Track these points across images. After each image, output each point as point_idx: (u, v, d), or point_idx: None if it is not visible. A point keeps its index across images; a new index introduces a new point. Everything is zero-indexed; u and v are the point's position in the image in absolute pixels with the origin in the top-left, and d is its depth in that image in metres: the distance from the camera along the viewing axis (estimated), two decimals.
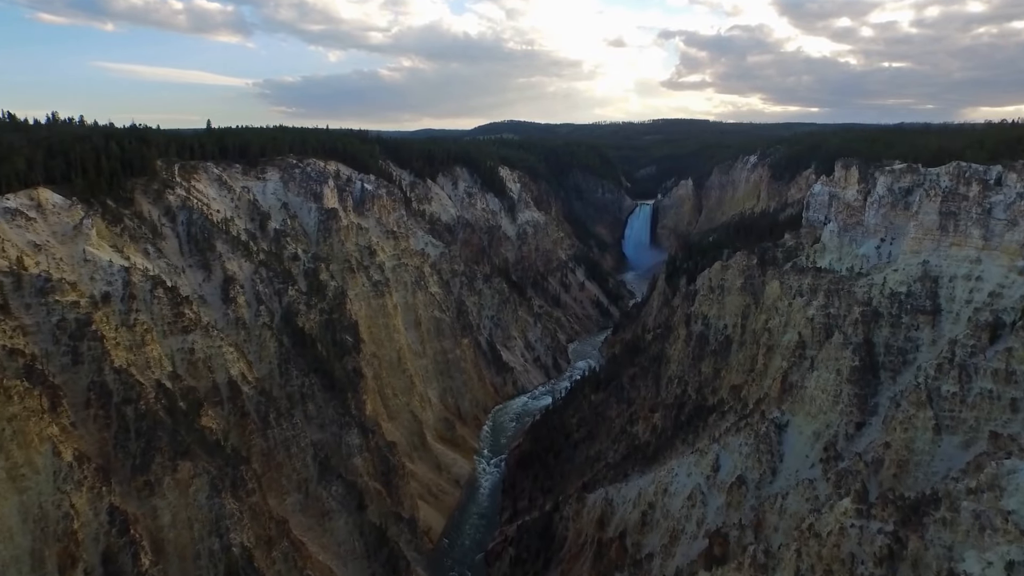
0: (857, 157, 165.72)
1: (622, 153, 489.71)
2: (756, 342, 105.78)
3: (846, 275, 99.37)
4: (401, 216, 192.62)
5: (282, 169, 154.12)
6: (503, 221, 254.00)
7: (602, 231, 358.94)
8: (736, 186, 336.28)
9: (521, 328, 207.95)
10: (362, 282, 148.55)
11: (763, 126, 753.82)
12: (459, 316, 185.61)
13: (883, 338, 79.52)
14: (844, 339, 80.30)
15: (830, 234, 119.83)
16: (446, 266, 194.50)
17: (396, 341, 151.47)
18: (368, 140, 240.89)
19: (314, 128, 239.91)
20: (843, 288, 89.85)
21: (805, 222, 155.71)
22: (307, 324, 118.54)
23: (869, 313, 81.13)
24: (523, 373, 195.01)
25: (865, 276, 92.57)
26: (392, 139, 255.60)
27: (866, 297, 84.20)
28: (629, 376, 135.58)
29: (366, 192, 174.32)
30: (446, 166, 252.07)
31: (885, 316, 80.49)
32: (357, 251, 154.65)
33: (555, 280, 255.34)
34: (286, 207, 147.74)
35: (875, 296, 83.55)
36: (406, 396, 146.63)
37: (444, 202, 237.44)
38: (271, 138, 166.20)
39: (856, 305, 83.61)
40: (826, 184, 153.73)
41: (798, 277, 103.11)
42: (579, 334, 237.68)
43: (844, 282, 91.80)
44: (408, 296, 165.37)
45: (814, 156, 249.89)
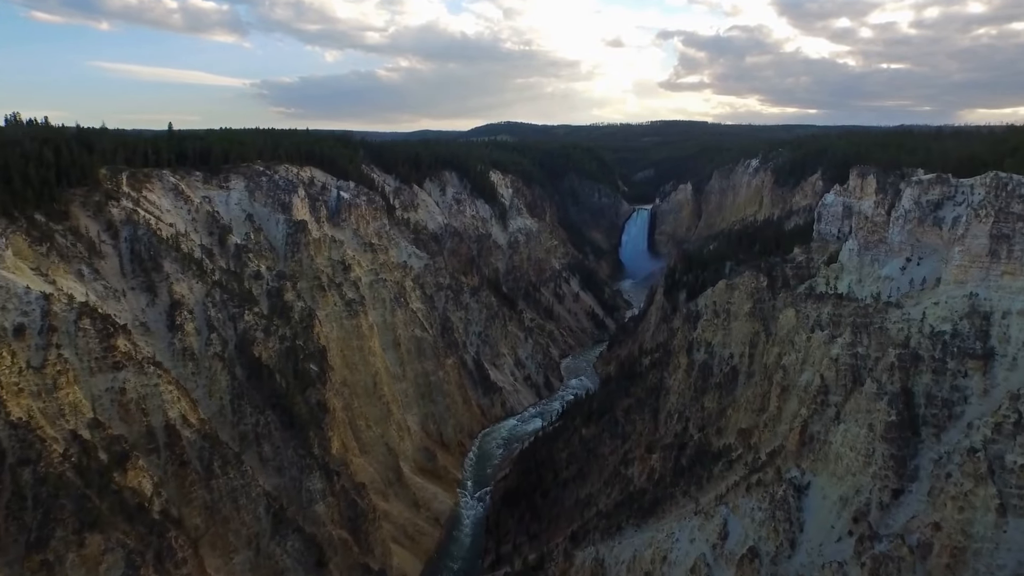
0: (871, 164, 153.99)
1: (619, 156, 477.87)
2: (767, 378, 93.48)
3: (871, 303, 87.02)
4: (383, 226, 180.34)
5: (248, 177, 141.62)
6: (494, 229, 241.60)
7: (598, 237, 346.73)
8: (737, 191, 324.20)
9: (511, 344, 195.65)
10: (334, 301, 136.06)
11: (762, 128, 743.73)
12: (444, 333, 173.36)
13: (924, 387, 67.21)
14: (877, 388, 67.93)
15: (849, 253, 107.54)
16: (430, 279, 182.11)
17: (372, 365, 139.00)
18: (350, 143, 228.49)
19: (292, 130, 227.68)
20: (872, 323, 77.43)
21: (816, 235, 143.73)
22: (265, 353, 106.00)
23: (907, 357, 68.78)
24: (512, 393, 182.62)
25: (896, 308, 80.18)
26: (377, 142, 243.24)
27: (902, 336, 71.86)
28: (624, 408, 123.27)
29: (343, 201, 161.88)
30: (434, 171, 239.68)
31: (926, 360, 68.16)
32: (329, 267, 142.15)
33: (548, 291, 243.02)
34: (251, 219, 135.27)
35: (913, 335, 71.18)
36: (381, 426, 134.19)
37: (431, 209, 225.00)
38: (237, 142, 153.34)
39: (891, 346, 71.24)
40: (840, 194, 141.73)
41: (816, 305, 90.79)
42: (573, 348, 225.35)
43: (872, 315, 79.39)
44: (386, 314, 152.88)
45: (820, 161, 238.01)
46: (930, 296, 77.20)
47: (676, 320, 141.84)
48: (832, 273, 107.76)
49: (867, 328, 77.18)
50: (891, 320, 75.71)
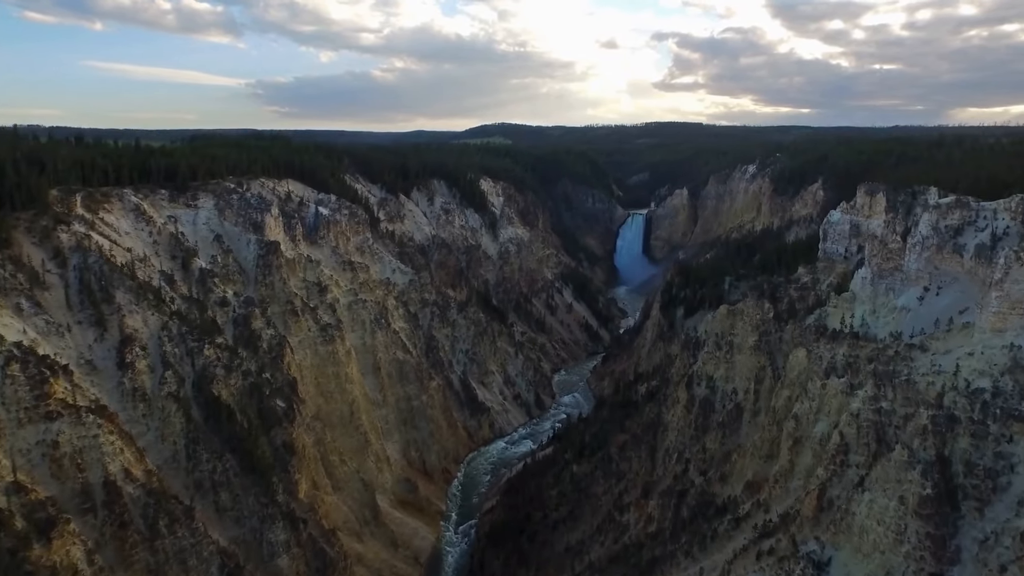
0: (880, 180, 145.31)
1: (613, 159, 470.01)
2: (776, 423, 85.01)
3: (891, 343, 78.61)
4: (365, 240, 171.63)
5: (217, 195, 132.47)
6: (483, 239, 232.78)
7: (592, 243, 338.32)
8: (734, 197, 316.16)
9: (500, 361, 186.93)
10: (307, 327, 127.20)
11: (756, 129, 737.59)
12: (428, 353, 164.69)
13: (962, 453, 58.75)
14: (908, 456, 59.39)
15: (862, 282, 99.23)
16: (415, 295, 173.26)
17: (348, 393, 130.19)
18: (334, 152, 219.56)
19: (271, 140, 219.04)
20: (897, 372, 68.91)
21: (822, 254, 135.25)
22: (225, 391, 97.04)
23: (941, 418, 60.21)
24: (501, 413, 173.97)
25: (921, 351, 71.77)
26: (363, 152, 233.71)
27: (933, 391, 63.33)
28: (619, 444, 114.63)
29: (321, 217, 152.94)
30: (422, 180, 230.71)
31: (963, 422, 59.64)
32: (304, 289, 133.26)
33: (540, 302, 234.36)
34: (219, 240, 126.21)
35: (946, 391, 62.60)
36: (358, 458, 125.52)
37: (418, 220, 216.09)
38: (208, 157, 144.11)
39: (921, 404, 62.70)
40: (846, 211, 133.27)
41: (830, 346, 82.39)
42: (565, 362, 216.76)
43: (895, 360, 70.91)
44: (366, 337, 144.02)
45: (820, 169, 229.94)
46: (961, 342, 68.72)
47: (674, 345, 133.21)
48: (844, 303, 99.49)
49: (891, 379, 68.57)
50: (918, 370, 67.13)
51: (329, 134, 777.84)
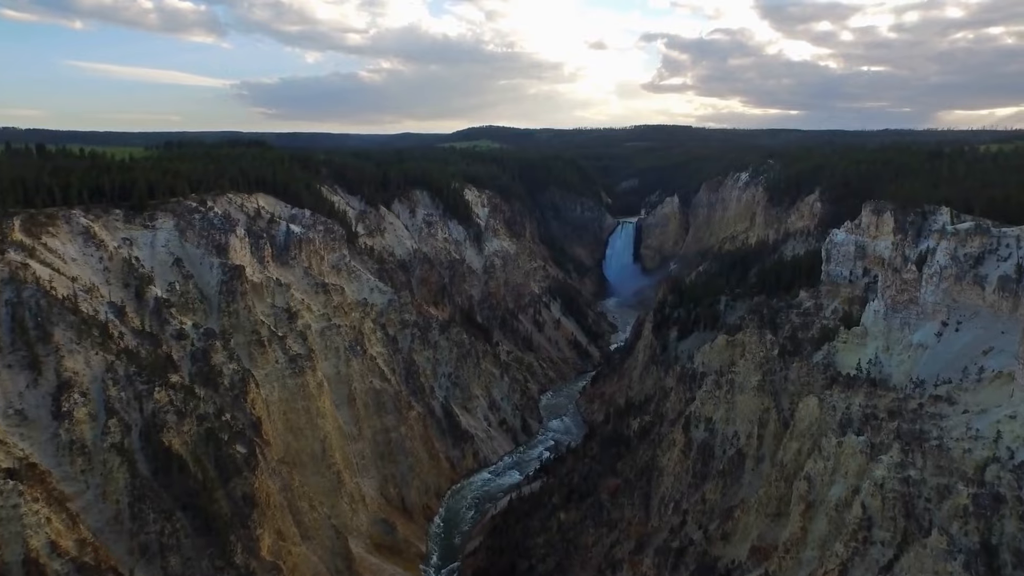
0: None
1: (603, 163, 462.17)
2: (784, 478, 76.76)
3: (914, 394, 70.52)
4: (342, 257, 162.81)
5: (178, 214, 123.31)
6: (468, 252, 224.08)
7: (581, 253, 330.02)
8: (727, 205, 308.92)
9: (485, 384, 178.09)
10: (275, 358, 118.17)
11: (746, 132, 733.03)
12: (408, 379, 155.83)
13: (1009, 538, 50.64)
14: (948, 543, 51.19)
15: (874, 315, 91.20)
16: (394, 316, 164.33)
17: (320, 428, 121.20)
18: (311, 163, 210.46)
19: (250, 147, 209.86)
20: (926, 434, 60.79)
21: (825, 276, 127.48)
22: (178, 440, 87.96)
23: (985, 498, 52.09)
24: (486, 441, 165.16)
25: (949, 404, 63.75)
26: (341, 162, 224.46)
27: (971, 462, 55.17)
28: (610, 490, 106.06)
29: (292, 236, 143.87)
30: (403, 190, 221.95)
31: (1009, 502, 51.57)
32: (272, 316, 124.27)
33: (527, 318, 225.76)
34: (179, 264, 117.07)
35: (987, 461, 54.46)
36: (330, 500, 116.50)
37: (399, 233, 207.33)
38: (170, 173, 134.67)
39: (959, 479, 54.56)
40: (851, 231, 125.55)
41: (844, 394, 74.28)
42: (553, 381, 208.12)
43: (923, 418, 62.82)
44: (340, 365, 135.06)
45: (816, 179, 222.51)
46: (997, 398, 60.65)
47: (669, 377, 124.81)
48: (854, 338, 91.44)
49: (919, 441, 60.32)
50: (951, 433, 59.06)
51: (315, 137, 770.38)
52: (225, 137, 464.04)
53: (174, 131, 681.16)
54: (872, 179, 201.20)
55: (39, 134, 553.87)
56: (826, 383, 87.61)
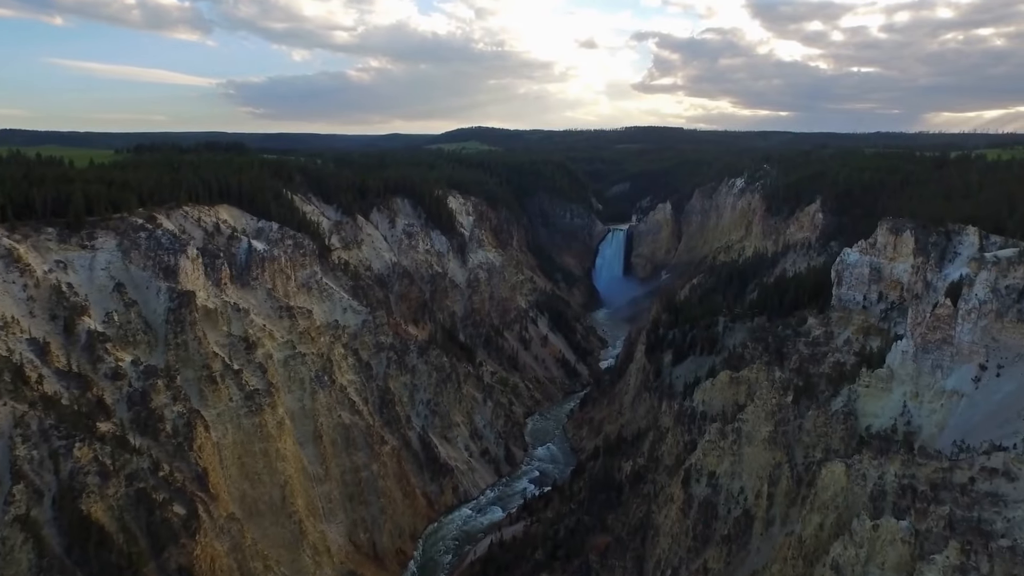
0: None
1: (593, 167, 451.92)
2: (802, 555, 65.52)
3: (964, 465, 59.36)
4: (312, 275, 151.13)
5: (122, 233, 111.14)
6: (451, 265, 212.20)
7: (570, 261, 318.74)
8: (721, 212, 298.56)
9: (466, 410, 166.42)
10: (229, 395, 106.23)
11: (737, 134, 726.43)
12: (382, 408, 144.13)
13: None
14: None
15: (901, 356, 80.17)
16: (369, 339, 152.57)
17: (280, 473, 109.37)
18: (284, 169, 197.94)
19: (211, 157, 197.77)
20: (990, 526, 49.62)
21: (836, 301, 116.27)
22: (100, 506, 76.03)
23: None
24: (467, 474, 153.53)
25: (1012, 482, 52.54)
26: (316, 169, 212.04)
27: None
28: (599, 550, 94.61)
29: (255, 254, 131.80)
30: (383, 199, 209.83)
31: None
32: (227, 347, 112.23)
33: (512, 335, 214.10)
34: (121, 291, 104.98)
35: None
36: (290, 555, 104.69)
37: (378, 245, 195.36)
38: (116, 184, 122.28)
39: None
40: (865, 252, 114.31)
41: (876, 461, 62.90)
42: (540, 403, 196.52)
43: (980, 504, 51.56)
44: (305, 399, 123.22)
45: (817, 188, 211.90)
46: None
47: (664, 414, 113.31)
48: (878, 383, 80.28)
49: (982, 539, 49.11)
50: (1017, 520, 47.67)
51: (302, 138, 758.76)
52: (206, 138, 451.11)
53: (158, 131, 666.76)
54: (876, 188, 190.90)
55: (18, 135, 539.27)
56: (846, 435, 76.58)
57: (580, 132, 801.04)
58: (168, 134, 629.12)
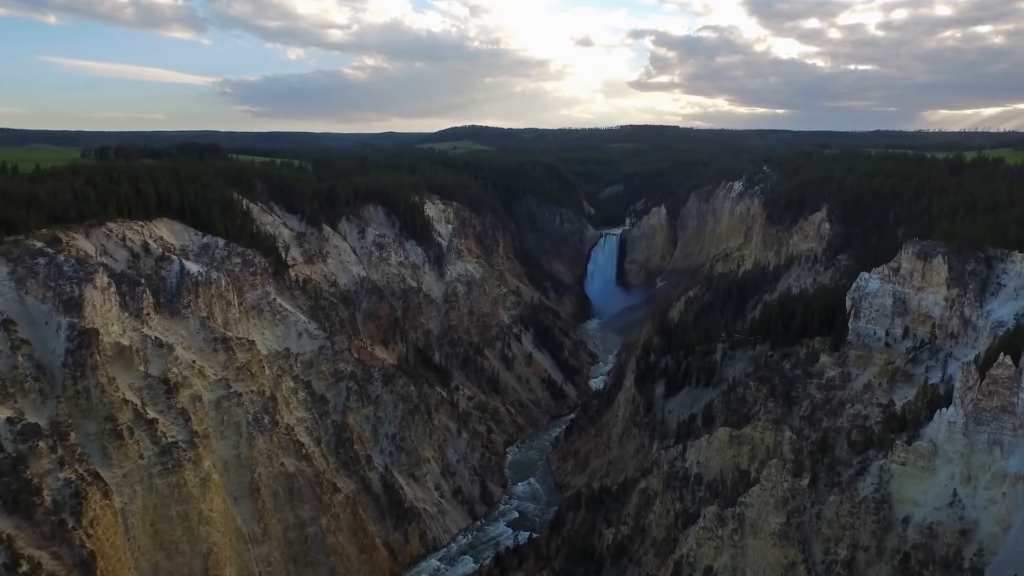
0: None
1: (586, 168, 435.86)
2: None
3: None
4: (264, 296, 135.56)
5: (16, 258, 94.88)
6: (427, 278, 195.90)
7: (560, 269, 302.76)
8: (718, 217, 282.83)
9: (438, 443, 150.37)
10: (139, 452, 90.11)
11: (736, 133, 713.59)
12: (338, 449, 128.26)
13: None
14: None
15: (947, 428, 64.18)
16: (326, 367, 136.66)
17: (203, 540, 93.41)
18: (243, 177, 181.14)
19: (157, 163, 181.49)
20: None
21: (853, 336, 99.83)
22: None
23: None
24: (436, 518, 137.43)
25: None
26: (278, 174, 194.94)
27: None
28: None
29: (187, 278, 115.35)
30: (352, 207, 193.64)
31: None
32: (143, 392, 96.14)
33: (494, 353, 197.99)
34: (9, 328, 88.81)
35: None
36: None
37: (345, 258, 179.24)
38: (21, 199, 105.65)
39: None
40: (887, 279, 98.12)
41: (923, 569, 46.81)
42: (523, 430, 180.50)
43: None
44: (241, 446, 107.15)
45: (822, 195, 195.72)
46: None
47: (654, 475, 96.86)
48: (918, 459, 64.24)
49: None
50: None
51: (297, 136, 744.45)
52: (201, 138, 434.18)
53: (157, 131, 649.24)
54: (888, 196, 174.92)
55: (9, 134, 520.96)
56: (878, 528, 60.70)
57: (574, 131, 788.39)
58: (163, 133, 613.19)
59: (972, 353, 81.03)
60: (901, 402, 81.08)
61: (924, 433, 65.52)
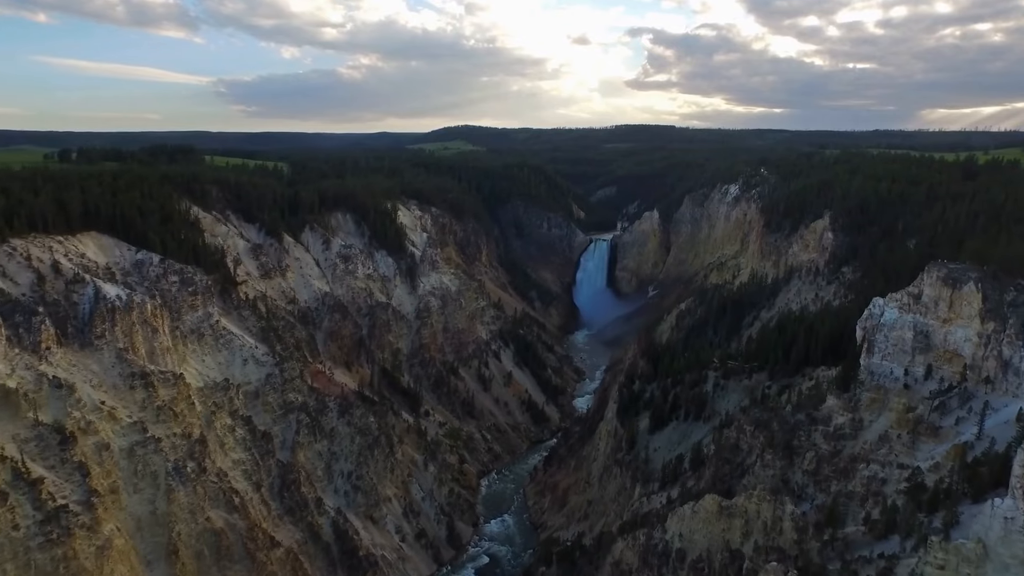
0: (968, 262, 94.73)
1: (579, 169, 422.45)
2: None
3: None
4: (205, 318, 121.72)
5: None
6: (397, 292, 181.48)
7: (547, 277, 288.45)
8: (713, 222, 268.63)
9: (401, 479, 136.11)
10: (12, 521, 75.58)
11: (733, 132, 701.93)
12: (283, 493, 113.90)
13: None
14: None
15: (1003, 527, 49.70)
16: (274, 397, 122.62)
17: None
18: (196, 183, 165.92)
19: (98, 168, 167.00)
20: None
21: (866, 375, 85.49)
22: None
23: None
24: (396, 565, 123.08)
25: None
26: (235, 180, 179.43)
27: None
28: None
29: (103, 303, 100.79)
30: (318, 215, 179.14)
31: None
32: (32, 443, 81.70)
33: (470, 373, 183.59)
34: None
35: None
36: None
37: (307, 271, 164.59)
38: None
39: None
40: (906, 308, 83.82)
41: None
42: (499, 458, 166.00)
43: None
44: (158, 500, 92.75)
45: (824, 201, 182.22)
46: None
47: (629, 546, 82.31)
48: (961, 562, 49.76)
49: None
50: None
51: (291, 137, 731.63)
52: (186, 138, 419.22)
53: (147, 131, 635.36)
54: (897, 203, 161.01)
55: None
56: None
57: (568, 131, 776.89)
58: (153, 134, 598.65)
59: (1015, 404, 66.99)
60: (927, 463, 67.02)
61: (966, 523, 51.55)
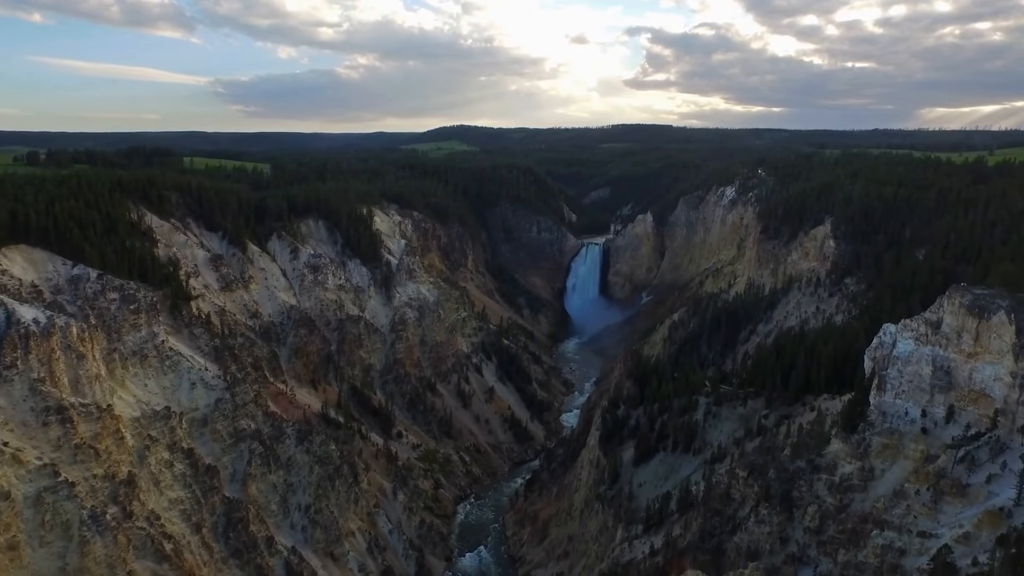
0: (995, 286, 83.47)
1: (572, 170, 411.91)
2: None
3: None
4: (150, 338, 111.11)
5: None
6: (371, 303, 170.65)
7: (537, 282, 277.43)
8: (708, 226, 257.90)
9: (366, 510, 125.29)
10: None
11: (731, 132, 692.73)
12: (227, 533, 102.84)
13: None
14: None
15: None
16: (224, 425, 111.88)
17: None
18: (153, 188, 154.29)
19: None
20: None
21: (877, 415, 74.48)
22: None
23: None
24: None
25: None
26: (197, 185, 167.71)
27: None
28: None
29: (16, 328, 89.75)
30: (287, 222, 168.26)
31: None
32: None
33: (449, 389, 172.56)
34: None
35: None
36: None
37: (273, 283, 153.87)
38: None
39: None
40: (923, 339, 72.67)
41: None
42: (478, 481, 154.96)
43: None
44: (70, 555, 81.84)
45: (825, 206, 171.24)
46: None
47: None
48: None
49: None
50: None
51: (287, 137, 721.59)
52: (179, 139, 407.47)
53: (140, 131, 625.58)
54: (903, 208, 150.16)
55: None
56: None
57: (565, 130, 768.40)
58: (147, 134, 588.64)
59: None
60: (954, 531, 56.22)
61: None
